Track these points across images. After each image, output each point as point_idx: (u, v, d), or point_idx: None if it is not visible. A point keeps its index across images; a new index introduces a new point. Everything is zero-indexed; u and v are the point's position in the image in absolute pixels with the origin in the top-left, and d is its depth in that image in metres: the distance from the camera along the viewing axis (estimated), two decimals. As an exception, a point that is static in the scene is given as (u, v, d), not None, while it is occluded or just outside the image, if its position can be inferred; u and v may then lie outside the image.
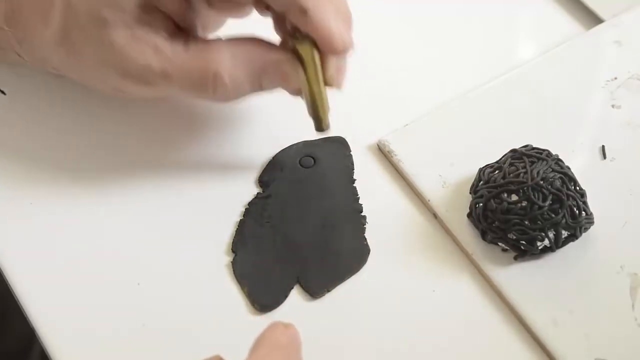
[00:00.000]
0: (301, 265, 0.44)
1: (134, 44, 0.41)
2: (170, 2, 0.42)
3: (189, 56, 0.42)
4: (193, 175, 0.47)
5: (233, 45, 0.42)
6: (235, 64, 0.42)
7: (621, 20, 0.54)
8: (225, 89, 0.42)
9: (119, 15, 0.41)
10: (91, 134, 0.49)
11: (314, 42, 0.41)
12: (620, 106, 0.50)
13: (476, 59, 0.53)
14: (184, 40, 0.42)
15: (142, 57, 0.41)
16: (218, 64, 0.41)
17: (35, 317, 0.42)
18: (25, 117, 0.49)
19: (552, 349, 0.41)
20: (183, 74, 0.42)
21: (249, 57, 0.42)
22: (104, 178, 0.47)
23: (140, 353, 0.41)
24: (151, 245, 0.45)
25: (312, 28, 0.41)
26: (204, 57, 0.41)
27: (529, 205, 0.42)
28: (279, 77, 0.43)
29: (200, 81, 0.42)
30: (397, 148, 0.48)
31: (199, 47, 0.42)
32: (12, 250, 0.44)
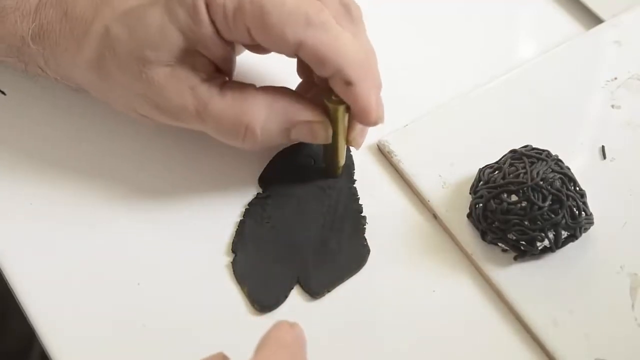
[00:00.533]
0: (301, 265, 0.44)
1: (172, 83, 0.42)
2: (215, 47, 0.42)
3: (224, 103, 0.42)
4: (193, 175, 0.47)
5: (269, 99, 0.42)
6: (268, 119, 0.42)
7: (621, 20, 0.54)
8: (256, 140, 0.42)
9: (162, 56, 0.41)
10: (91, 135, 0.48)
11: (347, 107, 0.42)
12: (620, 106, 0.50)
13: (476, 58, 0.53)
14: (221, 84, 0.42)
15: (178, 97, 0.42)
16: (252, 117, 0.42)
17: (35, 317, 0.42)
18: (25, 117, 0.49)
19: (552, 349, 0.41)
20: (217, 119, 0.42)
21: (282, 112, 0.42)
22: (104, 178, 0.47)
23: (140, 353, 0.41)
24: (151, 245, 0.45)
25: (353, 100, 0.41)
26: (239, 108, 0.42)
27: (529, 206, 0.42)
28: (308, 135, 0.43)
29: (232, 129, 0.42)
30: (397, 148, 0.48)
31: (235, 95, 0.42)
32: (12, 251, 0.44)
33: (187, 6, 0.40)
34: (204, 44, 0.41)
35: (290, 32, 0.40)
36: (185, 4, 0.40)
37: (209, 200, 0.46)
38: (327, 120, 0.43)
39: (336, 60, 0.40)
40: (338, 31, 0.41)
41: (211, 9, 0.40)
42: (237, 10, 0.40)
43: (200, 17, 0.40)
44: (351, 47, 0.41)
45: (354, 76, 0.41)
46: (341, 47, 0.40)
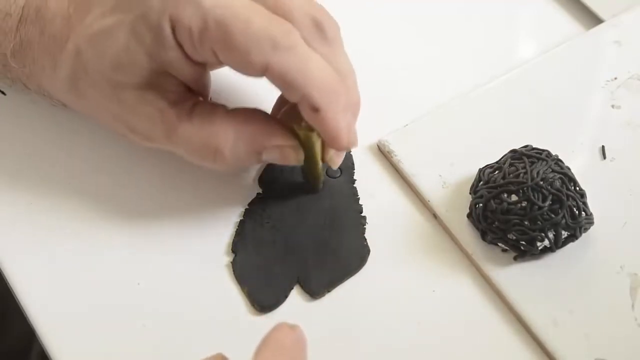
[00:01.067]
0: (301, 265, 0.44)
1: (142, 106, 0.41)
2: (183, 69, 0.41)
3: (192, 127, 0.41)
4: (193, 176, 0.47)
5: (237, 123, 0.42)
6: (237, 143, 0.42)
7: (621, 20, 0.54)
8: (225, 162, 0.42)
9: (130, 79, 0.41)
10: (92, 136, 0.48)
11: (318, 134, 0.41)
12: (620, 106, 0.50)
13: (476, 59, 0.53)
14: (191, 106, 0.42)
15: (148, 120, 0.42)
16: (220, 140, 0.41)
17: (35, 318, 0.42)
18: (25, 116, 0.49)
19: (552, 349, 0.41)
20: (185, 143, 0.42)
21: (252, 137, 0.42)
22: (105, 178, 0.47)
23: (140, 353, 0.41)
24: (151, 245, 0.45)
25: (321, 126, 0.40)
26: (208, 131, 0.41)
27: (529, 206, 0.42)
28: (280, 158, 0.43)
29: (201, 152, 0.42)
30: (397, 148, 0.48)
31: (204, 118, 0.42)
32: (12, 250, 0.44)
33: (152, 28, 0.39)
34: (171, 66, 0.41)
35: (255, 55, 0.38)
36: (150, 26, 0.39)
37: (209, 200, 0.46)
38: (297, 144, 0.42)
39: (303, 85, 0.39)
40: (306, 54, 0.39)
41: (177, 31, 0.39)
42: (203, 32, 0.39)
43: (165, 40, 0.39)
44: (319, 71, 0.39)
45: (321, 102, 0.39)
46: (308, 71, 0.39)
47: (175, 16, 0.39)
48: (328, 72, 0.40)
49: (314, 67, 0.39)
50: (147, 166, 0.47)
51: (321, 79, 0.39)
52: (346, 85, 0.41)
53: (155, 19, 0.39)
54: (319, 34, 0.41)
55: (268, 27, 0.39)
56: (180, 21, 0.39)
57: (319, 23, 0.41)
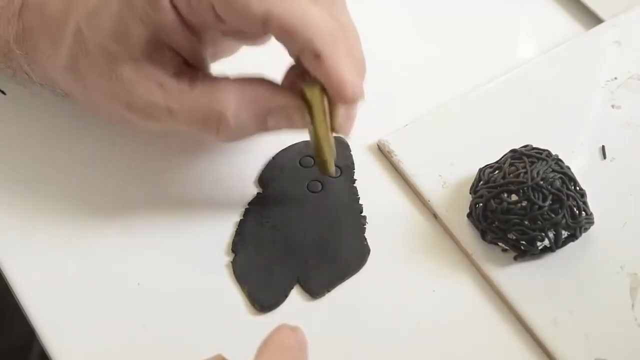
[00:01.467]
0: (301, 265, 0.44)
1: (140, 80, 0.41)
2: (180, 38, 0.41)
3: (194, 95, 0.41)
4: (193, 176, 0.47)
5: (239, 86, 0.41)
6: (240, 106, 0.41)
7: (621, 20, 0.54)
8: (229, 130, 0.41)
9: (127, 50, 0.40)
10: (92, 134, 0.48)
11: (323, 88, 0.40)
12: (620, 106, 0.50)
13: (476, 59, 0.53)
14: (190, 77, 0.41)
15: (147, 93, 0.41)
16: (223, 105, 0.41)
17: (35, 318, 0.42)
18: (24, 116, 0.49)
19: (552, 349, 0.41)
20: (188, 112, 0.41)
21: (255, 99, 0.41)
22: (105, 178, 0.47)
23: (140, 353, 0.41)
24: (151, 245, 0.45)
25: (324, 74, 0.39)
26: (209, 97, 0.41)
27: (529, 206, 0.42)
28: (285, 121, 0.42)
29: (204, 121, 0.41)
30: (397, 148, 0.48)
31: (205, 86, 0.41)
32: (11, 250, 0.44)
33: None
34: (166, 31, 0.40)
35: (255, 3, 0.38)
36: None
37: (209, 200, 0.46)
38: (302, 104, 0.41)
39: (304, 31, 0.38)
40: (306, 3, 0.39)
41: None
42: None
43: (158, 2, 0.39)
44: (320, 18, 0.39)
45: (323, 48, 0.39)
46: (309, 17, 0.39)
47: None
48: (328, 19, 0.40)
49: (315, 13, 0.39)
50: (148, 166, 0.47)
51: (322, 25, 0.39)
52: (347, 37, 0.41)
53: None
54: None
55: None
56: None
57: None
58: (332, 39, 0.39)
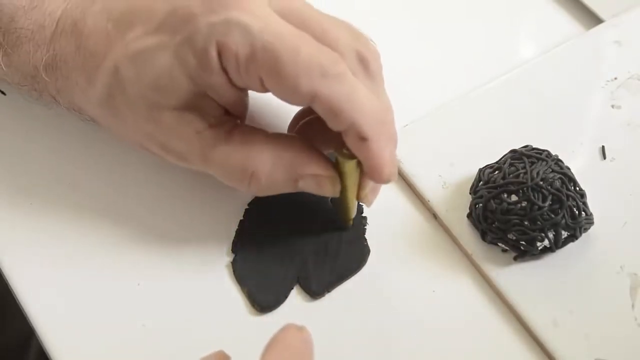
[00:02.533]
0: (301, 265, 0.44)
1: (179, 127, 0.41)
2: (226, 94, 0.40)
3: (229, 149, 0.41)
4: (193, 176, 0.47)
5: (275, 148, 0.41)
6: (274, 169, 0.41)
7: (621, 20, 0.54)
8: (260, 188, 0.41)
9: (170, 101, 0.40)
10: (92, 135, 0.48)
11: (359, 162, 0.40)
12: (620, 106, 0.50)
13: (476, 59, 0.53)
14: (229, 129, 0.41)
15: (185, 141, 0.41)
16: (257, 165, 0.41)
17: (35, 317, 0.42)
18: (24, 116, 0.49)
19: (552, 349, 0.41)
20: (222, 165, 0.41)
21: (289, 164, 0.41)
22: (105, 178, 0.47)
23: (140, 353, 0.41)
24: (151, 245, 0.45)
25: (367, 156, 0.40)
26: (245, 155, 0.41)
27: (529, 206, 0.42)
28: (315, 187, 0.42)
29: (237, 175, 0.41)
30: (397, 148, 0.48)
31: (242, 141, 0.41)
32: (11, 250, 0.44)
33: (197, 53, 0.38)
34: (214, 90, 0.40)
35: (304, 83, 0.38)
36: (196, 50, 0.38)
37: (209, 200, 0.46)
38: (335, 175, 0.41)
39: (351, 114, 0.38)
40: (354, 84, 0.39)
41: (223, 57, 0.38)
42: (250, 58, 0.38)
43: (210, 65, 0.39)
44: (367, 101, 0.39)
45: (370, 132, 0.39)
46: (357, 100, 0.39)
47: (222, 42, 0.38)
48: (375, 102, 0.40)
49: (362, 96, 0.39)
50: (148, 167, 0.47)
51: (370, 108, 0.39)
52: (389, 118, 0.41)
53: (202, 44, 0.38)
54: (362, 68, 0.40)
55: (317, 55, 0.38)
56: (228, 47, 0.38)
57: (364, 58, 0.40)
58: (378, 124, 0.39)
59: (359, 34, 0.41)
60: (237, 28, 0.38)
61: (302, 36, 0.39)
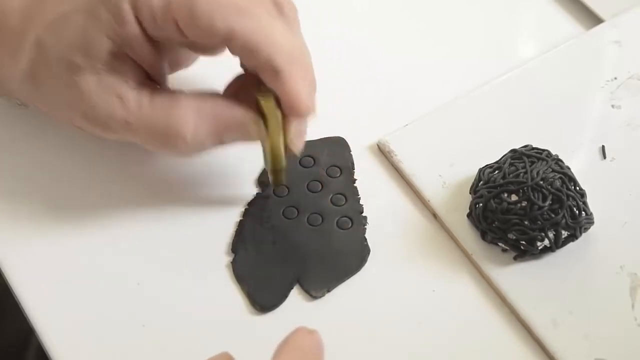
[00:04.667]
0: (301, 265, 0.44)
1: (100, 91, 0.41)
2: (143, 52, 0.41)
3: (153, 111, 0.41)
4: (193, 176, 0.47)
5: (197, 103, 0.42)
6: (198, 123, 0.41)
7: (621, 20, 0.54)
8: (187, 146, 0.42)
9: (89, 62, 0.41)
10: (90, 138, 0.48)
11: (277, 99, 0.41)
12: (620, 106, 0.50)
13: (476, 59, 0.53)
14: (150, 91, 0.42)
15: (106, 106, 0.41)
16: (181, 122, 0.41)
17: (35, 317, 0.42)
18: (24, 117, 0.49)
19: (552, 349, 0.41)
20: (145, 127, 0.42)
21: (212, 116, 0.42)
22: (104, 177, 0.47)
23: (140, 353, 0.41)
24: (151, 245, 0.45)
25: (281, 90, 0.41)
26: (168, 114, 0.41)
27: (529, 206, 0.42)
28: (241, 135, 0.43)
29: (162, 137, 0.42)
30: (397, 148, 0.48)
31: (164, 102, 0.42)
32: (11, 249, 0.44)
33: (111, 7, 0.40)
34: (131, 47, 0.41)
35: (220, 20, 0.39)
36: (109, 5, 0.40)
37: (209, 200, 0.46)
38: (257, 117, 0.42)
39: (266, 49, 0.40)
40: (270, 21, 0.41)
41: (137, 7, 0.40)
42: (165, 4, 0.39)
43: (124, 17, 0.40)
44: (281, 37, 0.41)
45: (283, 65, 0.40)
46: (272, 35, 0.40)
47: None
48: (290, 39, 0.41)
49: (277, 32, 0.41)
50: (147, 166, 0.47)
51: (283, 44, 0.40)
52: (304, 57, 0.42)
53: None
54: (277, 11, 0.42)
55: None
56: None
57: (278, 3, 0.42)
58: (291, 58, 0.41)
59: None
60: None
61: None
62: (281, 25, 0.41)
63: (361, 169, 0.48)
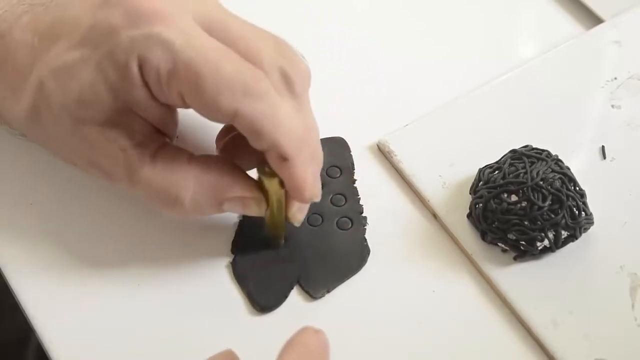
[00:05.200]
0: (301, 265, 0.44)
1: (104, 144, 0.40)
2: (149, 109, 0.40)
3: (154, 172, 0.40)
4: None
5: (199, 172, 0.41)
6: (198, 192, 0.40)
7: (621, 20, 0.54)
8: (184, 211, 0.41)
9: (94, 115, 0.40)
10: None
11: (282, 182, 0.40)
12: (620, 106, 0.50)
13: (476, 59, 0.53)
14: (155, 149, 0.41)
15: (109, 159, 0.40)
16: (180, 190, 0.40)
17: (34, 317, 0.42)
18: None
19: (552, 349, 0.41)
20: (146, 185, 0.41)
21: (213, 187, 0.41)
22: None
23: (140, 353, 0.41)
24: (151, 245, 0.45)
25: (288, 177, 0.40)
26: (169, 178, 0.40)
27: (529, 206, 0.42)
28: (241, 208, 0.42)
29: (161, 199, 0.41)
30: (397, 148, 0.48)
31: (167, 163, 0.40)
32: (10, 248, 0.44)
33: (118, 66, 0.38)
34: (137, 105, 0.40)
35: (225, 100, 0.37)
36: (117, 64, 0.38)
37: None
38: (260, 196, 0.41)
39: (272, 134, 0.38)
40: (276, 102, 0.38)
41: (144, 71, 0.38)
42: (171, 74, 0.38)
43: (132, 78, 0.38)
44: (289, 120, 0.39)
45: (290, 152, 0.39)
46: (278, 119, 0.38)
47: (143, 56, 0.38)
48: (297, 122, 0.39)
49: (284, 115, 0.39)
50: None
51: (291, 128, 0.39)
52: (312, 138, 0.41)
53: (123, 58, 0.38)
54: (286, 86, 0.40)
55: (239, 72, 0.38)
56: (149, 61, 0.38)
57: (288, 76, 0.40)
58: (300, 144, 0.39)
59: (285, 48, 0.40)
60: (159, 42, 0.37)
61: (225, 52, 0.38)
62: (289, 104, 0.39)
63: (361, 169, 0.48)
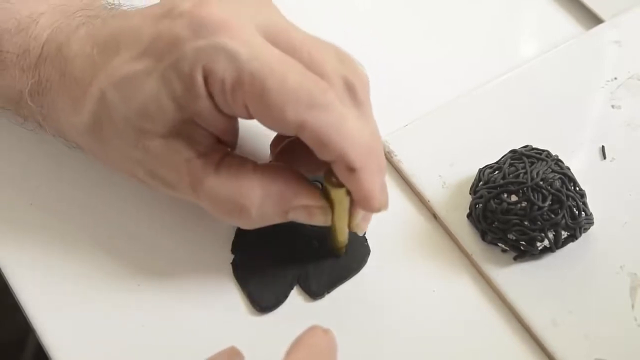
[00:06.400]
0: (301, 265, 0.44)
1: (167, 155, 0.40)
2: (213, 120, 0.39)
3: (219, 181, 0.40)
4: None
5: (264, 181, 0.40)
6: (264, 202, 0.40)
7: (621, 20, 0.54)
8: (251, 221, 0.41)
9: (158, 127, 0.39)
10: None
11: (348, 191, 0.39)
12: (620, 106, 0.50)
13: (476, 59, 0.53)
14: (219, 159, 0.40)
15: (173, 170, 0.40)
16: (247, 200, 0.40)
17: (34, 317, 0.42)
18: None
19: (552, 349, 0.41)
20: (211, 197, 0.40)
21: (279, 197, 0.40)
22: (105, 178, 0.47)
23: (140, 353, 0.41)
24: (151, 245, 0.45)
25: (356, 187, 0.39)
26: (234, 188, 0.40)
27: (529, 206, 0.42)
28: (306, 217, 0.41)
29: (226, 208, 0.40)
30: (397, 148, 0.48)
31: (232, 174, 0.40)
32: (10, 248, 0.44)
33: (183, 77, 0.38)
34: (201, 117, 0.39)
35: (291, 112, 0.37)
36: (182, 75, 0.37)
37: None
38: (326, 205, 0.41)
39: (340, 145, 0.37)
40: (342, 113, 0.38)
41: (209, 82, 0.38)
42: (236, 85, 0.37)
43: (197, 90, 0.38)
44: (356, 130, 0.38)
45: (359, 162, 0.38)
46: (345, 130, 0.38)
47: (208, 67, 0.37)
48: (363, 132, 0.39)
49: (351, 125, 0.38)
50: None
51: (358, 139, 0.38)
52: (378, 147, 0.40)
53: (188, 69, 0.37)
54: (350, 95, 0.39)
55: (304, 84, 0.37)
56: (214, 72, 0.37)
57: (351, 84, 0.39)
58: (367, 154, 0.38)
59: (346, 57, 0.40)
60: (224, 54, 0.37)
61: (289, 63, 0.38)
62: (354, 114, 0.39)
63: (361, 169, 0.48)
